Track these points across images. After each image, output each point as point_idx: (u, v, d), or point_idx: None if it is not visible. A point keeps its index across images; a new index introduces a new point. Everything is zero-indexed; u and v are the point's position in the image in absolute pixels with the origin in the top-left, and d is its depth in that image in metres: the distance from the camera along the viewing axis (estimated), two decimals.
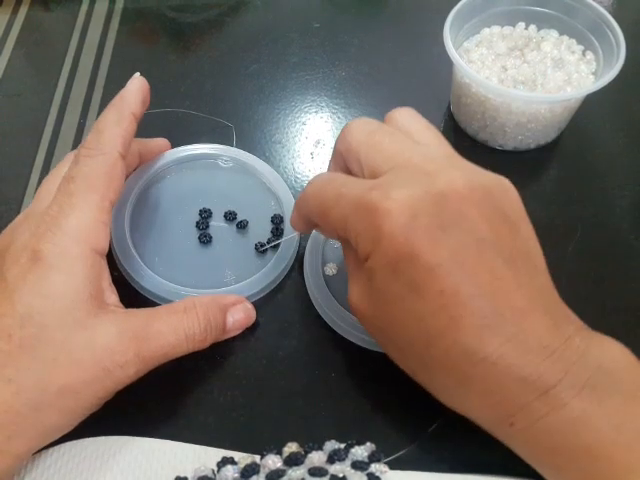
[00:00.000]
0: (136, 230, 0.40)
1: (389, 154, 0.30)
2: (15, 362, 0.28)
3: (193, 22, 0.55)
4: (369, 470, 0.25)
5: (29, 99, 0.50)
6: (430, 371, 0.28)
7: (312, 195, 0.32)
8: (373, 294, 0.29)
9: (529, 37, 0.46)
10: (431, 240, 0.26)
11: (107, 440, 0.32)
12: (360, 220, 0.28)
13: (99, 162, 0.32)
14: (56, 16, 0.57)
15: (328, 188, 0.31)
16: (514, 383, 0.25)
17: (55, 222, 0.30)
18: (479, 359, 0.26)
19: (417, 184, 0.28)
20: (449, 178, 0.28)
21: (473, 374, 0.26)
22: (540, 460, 0.28)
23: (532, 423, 0.26)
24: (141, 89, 0.36)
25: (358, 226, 0.28)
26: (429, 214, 0.27)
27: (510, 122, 0.43)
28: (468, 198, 0.27)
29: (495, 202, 0.28)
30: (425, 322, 0.27)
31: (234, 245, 0.40)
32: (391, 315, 0.28)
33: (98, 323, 0.30)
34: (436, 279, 0.26)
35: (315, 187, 0.32)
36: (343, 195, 0.29)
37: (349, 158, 0.32)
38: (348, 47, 0.53)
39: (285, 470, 0.26)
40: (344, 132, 0.32)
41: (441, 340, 0.26)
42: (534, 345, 0.26)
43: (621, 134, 0.47)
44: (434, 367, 0.28)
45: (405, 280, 0.27)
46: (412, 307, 0.27)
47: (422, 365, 0.29)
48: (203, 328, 0.32)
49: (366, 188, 0.28)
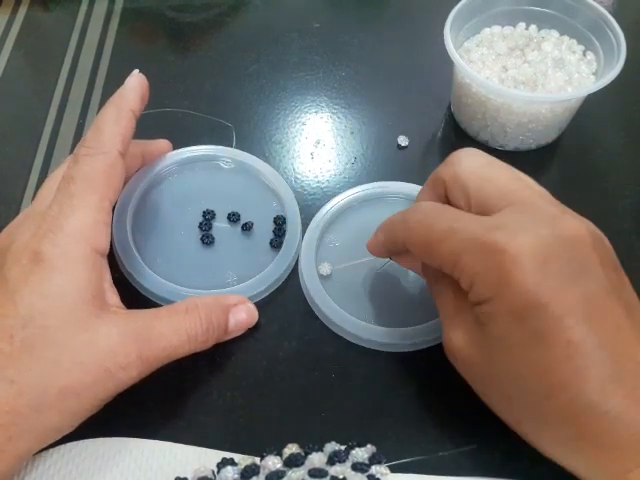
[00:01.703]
0: (138, 231, 0.40)
1: (506, 190, 0.29)
2: (17, 363, 0.28)
3: (193, 22, 0.55)
4: (369, 472, 0.25)
5: (28, 99, 0.50)
6: (542, 423, 0.27)
7: (418, 224, 0.30)
8: (485, 341, 0.28)
9: (530, 37, 0.46)
10: (561, 288, 0.26)
11: (107, 441, 0.32)
12: (481, 261, 0.27)
13: (99, 161, 0.32)
14: (55, 16, 0.56)
15: (438, 219, 0.29)
16: (634, 438, 0.25)
17: (56, 222, 0.30)
18: (602, 412, 0.25)
19: (543, 227, 0.27)
20: (571, 223, 0.27)
21: (592, 428, 0.25)
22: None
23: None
24: (140, 86, 0.36)
25: (477, 267, 0.27)
26: (559, 261, 0.26)
27: (511, 122, 0.43)
28: (592, 245, 0.27)
29: (607, 249, 0.28)
30: (548, 372, 0.26)
31: (236, 246, 0.40)
32: (507, 364, 0.27)
33: (100, 324, 0.30)
34: (564, 329, 0.25)
35: (422, 216, 0.30)
36: (457, 230, 0.28)
37: (454, 188, 0.30)
38: (348, 47, 0.53)
39: (285, 471, 0.26)
40: (452, 160, 0.31)
41: (564, 392, 0.26)
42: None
43: (622, 134, 0.47)
44: (550, 419, 0.27)
45: (530, 328, 0.26)
46: (535, 357, 0.26)
47: (534, 417, 0.28)
48: (205, 329, 0.32)
49: (487, 227, 0.27)
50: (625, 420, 0.25)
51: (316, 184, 0.44)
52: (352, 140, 0.47)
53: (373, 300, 0.38)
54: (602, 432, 0.25)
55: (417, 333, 0.35)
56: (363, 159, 0.46)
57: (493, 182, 0.29)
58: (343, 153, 0.46)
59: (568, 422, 0.26)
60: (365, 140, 0.47)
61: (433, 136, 0.47)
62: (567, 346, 0.25)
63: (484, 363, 0.29)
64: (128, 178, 0.40)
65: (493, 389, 0.29)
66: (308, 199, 0.43)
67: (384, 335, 0.36)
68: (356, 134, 0.47)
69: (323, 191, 0.44)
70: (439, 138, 0.47)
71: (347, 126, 0.48)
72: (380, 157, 0.46)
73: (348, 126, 0.48)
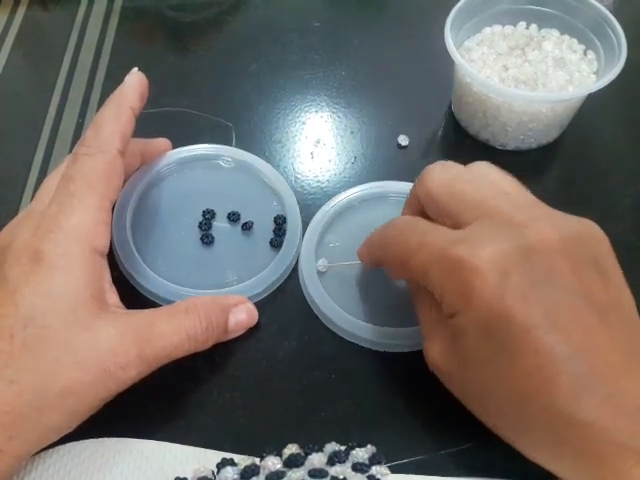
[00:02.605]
0: (138, 230, 0.40)
1: (473, 203, 0.29)
2: (17, 363, 0.28)
3: (192, 21, 0.55)
4: (370, 472, 0.25)
5: (27, 98, 0.50)
6: (522, 430, 0.27)
7: (393, 239, 0.31)
8: (460, 353, 0.28)
9: (530, 36, 0.46)
10: (524, 299, 0.26)
11: (107, 442, 0.32)
12: (446, 274, 0.27)
13: (98, 160, 0.32)
14: (54, 16, 0.56)
15: (410, 234, 0.30)
16: (610, 447, 0.25)
17: (56, 222, 0.30)
18: (575, 421, 0.25)
19: (505, 238, 0.27)
20: (538, 229, 0.27)
21: (568, 436, 0.25)
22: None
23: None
24: (139, 84, 0.35)
25: (443, 280, 0.27)
26: (520, 271, 0.26)
27: (511, 121, 0.43)
28: (558, 250, 0.27)
29: (585, 251, 0.28)
30: (520, 383, 0.26)
31: (236, 245, 0.40)
32: (481, 376, 0.27)
33: (100, 324, 0.30)
34: (531, 339, 0.25)
35: (396, 231, 0.31)
36: (426, 244, 0.29)
37: (428, 205, 0.31)
38: (348, 46, 0.53)
39: (285, 472, 0.26)
40: (423, 177, 0.32)
41: (536, 401, 0.26)
42: (630, 407, 0.25)
43: (623, 133, 0.47)
44: (527, 427, 0.27)
45: (498, 341, 0.26)
46: (506, 368, 0.26)
47: (513, 424, 0.28)
48: (205, 328, 0.32)
49: (451, 240, 0.28)
50: (600, 428, 0.25)
51: (316, 183, 0.44)
52: (352, 139, 0.47)
53: (373, 300, 0.38)
54: (579, 440, 0.25)
55: (417, 333, 0.35)
56: (363, 158, 0.45)
57: (461, 196, 0.30)
58: (343, 152, 0.46)
59: (545, 430, 0.26)
60: (365, 139, 0.47)
61: (434, 135, 0.47)
62: (535, 356, 0.25)
63: (461, 375, 0.29)
64: (127, 177, 0.40)
65: (472, 399, 0.30)
66: (308, 199, 0.43)
67: (384, 335, 0.36)
68: (356, 133, 0.47)
69: (323, 191, 0.43)
70: (440, 137, 0.47)
71: (347, 125, 0.47)
72: (380, 157, 0.46)
73: (348, 125, 0.47)
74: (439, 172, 0.32)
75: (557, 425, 0.25)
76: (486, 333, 0.26)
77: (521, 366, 0.26)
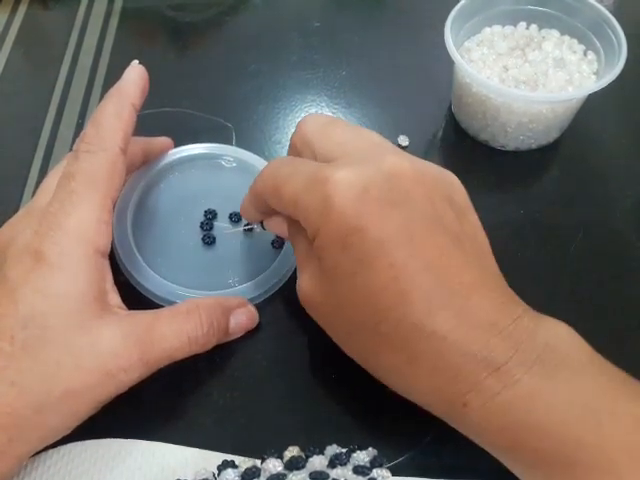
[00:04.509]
0: (139, 230, 0.39)
1: (340, 141, 0.31)
2: (18, 364, 0.28)
3: (192, 21, 0.55)
4: (371, 475, 0.25)
5: (27, 98, 0.50)
6: (379, 352, 0.28)
7: (268, 173, 0.32)
8: (323, 276, 0.29)
9: (530, 37, 0.46)
10: (381, 214, 0.27)
11: (107, 442, 0.32)
12: (310, 193, 0.28)
13: (99, 159, 0.32)
14: (55, 15, 0.56)
15: (284, 166, 0.32)
16: (464, 359, 0.26)
17: (57, 221, 0.30)
18: (428, 333, 0.26)
19: (368, 163, 0.28)
20: (398, 161, 0.29)
21: (423, 350, 0.26)
22: (494, 442, 0.27)
23: (485, 401, 0.26)
24: (140, 78, 0.35)
25: (307, 199, 0.28)
26: (379, 189, 0.27)
27: (511, 122, 0.43)
28: (417, 180, 0.28)
29: (441, 189, 0.29)
30: (375, 296, 0.27)
31: (238, 246, 0.40)
32: (341, 295, 0.28)
33: (102, 325, 0.30)
34: (385, 252, 0.26)
35: (272, 166, 0.33)
36: (298, 173, 0.30)
37: (303, 149, 0.33)
38: (348, 46, 0.53)
39: (286, 474, 0.26)
40: (299, 125, 0.33)
41: (391, 314, 0.26)
42: (483, 321, 0.26)
43: (623, 134, 0.47)
44: (383, 345, 0.28)
45: (355, 254, 0.27)
46: (362, 282, 0.27)
47: (371, 346, 0.29)
48: (206, 331, 0.32)
49: (319, 166, 0.29)
50: (453, 340, 0.26)
51: None
52: None
53: None
54: (432, 354, 0.26)
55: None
56: None
57: (330, 136, 0.31)
58: None
59: (399, 346, 0.27)
60: None
61: (433, 136, 0.47)
62: (390, 269, 0.26)
63: (325, 300, 0.29)
64: (128, 176, 0.40)
65: (336, 326, 0.30)
66: None
67: None
68: None
69: None
70: (439, 138, 0.47)
71: None
72: None
73: None
74: (313, 119, 0.33)
75: (411, 339, 0.26)
76: (343, 248, 0.27)
77: (377, 279, 0.27)
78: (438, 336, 0.26)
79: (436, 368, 0.26)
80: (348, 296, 0.28)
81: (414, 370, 0.27)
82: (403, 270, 0.26)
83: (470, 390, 0.26)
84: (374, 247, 0.26)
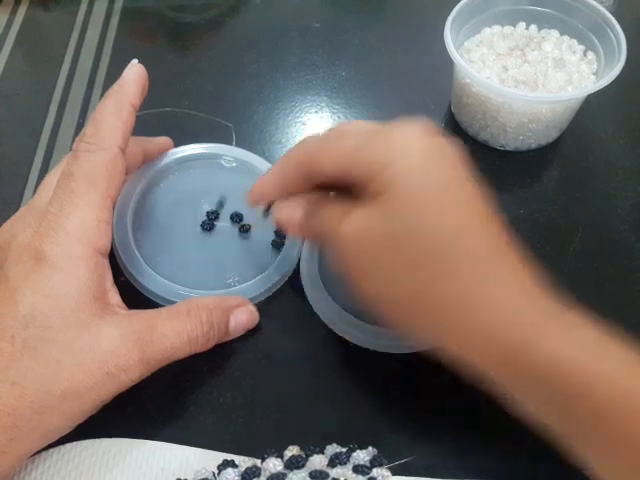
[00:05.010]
0: (139, 230, 0.39)
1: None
2: (18, 364, 0.28)
3: (192, 22, 0.55)
4: (371, 474, 0.25)
5: (28, 99, 0.50)
6: (425, 290, 0.28)
7: (311, 139, 0.32)
8: (386, 208, 0.28)
9: (530, 37, 0.46)
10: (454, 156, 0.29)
11: (107, 442, 0.32)
12: (376, 141, 0.29)
13: (99, 158, 0.32)
14: (55, 16, 0.56)
15: (327, 134, 0.32)
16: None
17: (57, 221, 0.30)
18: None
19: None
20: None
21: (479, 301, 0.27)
22: (535, 396, 0.27)
23: (535, 357, 0.26)
24: (139, 77, 0.35)
25: (373, 145, 0.29)
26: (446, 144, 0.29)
27: (511, 122, 0.43)
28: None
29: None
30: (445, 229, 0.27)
31: (238, 246, 0.40)
32: (409, 226, 0.28)
33: (102, 325, 0.30)
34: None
35: (313, 136, 0.32)
36: (351, 132, 0.30)
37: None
38: (348, 47, 0.53)
39: (286, 473, 0.26)
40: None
41: (460, 244, 0.27)
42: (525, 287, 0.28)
43: (622, 134, 0.47)
44: (440, 276, 0.28)
45: (436, 190, 0.28)
46: (437, 221, 0.28)
47: (413, 301, 0.28)
48: (206, 330, 0.32)
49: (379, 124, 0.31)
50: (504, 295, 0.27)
51: None
52: None
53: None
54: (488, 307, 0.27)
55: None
56: None
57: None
58: None
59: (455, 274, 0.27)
60: None
61: None
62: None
63: (383, 234, 0.28)
64: (128, 176, 0.40)
65: (383, 268, 0.29)
66: None
67: (385, 336, 0.36)
68: None
69: None
70: None
71: None
72: None
73: None
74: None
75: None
76: (423, 179, 0.28)
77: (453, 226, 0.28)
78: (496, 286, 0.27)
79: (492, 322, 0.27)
80: (415, 227, 0.27)
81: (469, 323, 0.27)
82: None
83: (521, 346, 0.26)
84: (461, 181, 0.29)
